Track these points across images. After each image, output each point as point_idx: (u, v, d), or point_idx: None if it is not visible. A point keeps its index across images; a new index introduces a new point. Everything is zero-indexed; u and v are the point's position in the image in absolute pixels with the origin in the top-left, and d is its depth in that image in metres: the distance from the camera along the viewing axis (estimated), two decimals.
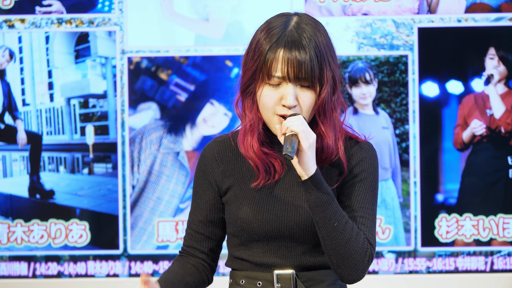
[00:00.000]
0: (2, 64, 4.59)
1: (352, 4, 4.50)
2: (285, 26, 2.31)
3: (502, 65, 4.52)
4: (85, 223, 4.56)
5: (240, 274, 2.36)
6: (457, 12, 4.51)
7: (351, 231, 2.24)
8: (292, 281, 2.31)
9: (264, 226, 2.30)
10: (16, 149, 4.60)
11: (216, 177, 2.37)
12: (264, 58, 2.27)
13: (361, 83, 4.51)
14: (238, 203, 2.33)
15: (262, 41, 2.29)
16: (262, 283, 2.32)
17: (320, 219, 2.21)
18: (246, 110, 2.33)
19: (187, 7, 4.55)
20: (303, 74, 2.24)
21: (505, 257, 4.52)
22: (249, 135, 2.31)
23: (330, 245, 2.22)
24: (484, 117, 4.52)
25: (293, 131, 2.19)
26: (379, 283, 4.50)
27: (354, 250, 2.23)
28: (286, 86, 2.26)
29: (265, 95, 2.28)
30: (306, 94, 2.27)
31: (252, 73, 2.29)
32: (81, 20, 4.54)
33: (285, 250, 2.32)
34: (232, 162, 2.37)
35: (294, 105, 2.25)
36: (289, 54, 2.25)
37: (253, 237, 2.32)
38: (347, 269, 2.24)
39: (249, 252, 2.34)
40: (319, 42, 2.29)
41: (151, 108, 4.56)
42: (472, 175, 4.52)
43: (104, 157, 4.58)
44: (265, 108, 2.28)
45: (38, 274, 4.55)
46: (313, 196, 2.21)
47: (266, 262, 2.32)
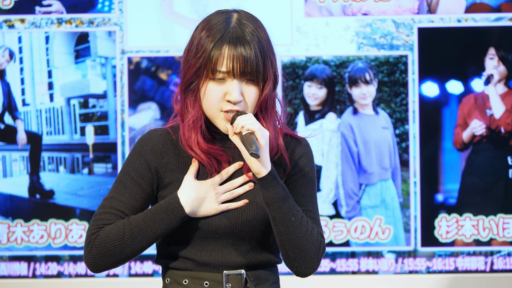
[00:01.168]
0: (2, 64, 4.59)
1: (352, 4, 4.50)
2: (228, 23, 2.31)
3: (502, 65, 4.52)
4: (85, 223, 4.56)
5: (182, 274, 2.32)
6: (457, 12, 4.51)
7: (307, 224, 2.26)
8: (242, 281, 2.30)
9: (209, 224, 2.29)
10: (16, 149, 4.60)
11: (159, 169, 2.33)
12: (208, 55, 2.26)
13: (361, 83, 4.51)
14: None
15: (205, 38, 2.28)
16: (210, 283, 2.30)
17: (278, 215, 2.23)
18: (189, 107, 2.31)
19: (187, 7, 4.55)
20: (249, 69, 2.25)
21: (505, 257, 4.52)
22: (192, 131, 2.30)
23: (287, 239, 2.24)
24: (484, 117, 4.52)
25: (249, 129, 2.20)
26: (379, 283, 4.50)
27: (310, 243, 2.26)
28: (231, 82, 2.26)
29: (210, 90, 2.27)
30: (251, 89, 2.28)
31: (196, 70, 2.28)
32: (81, 20, 4.54)
33: (230, 248, 2.31)
34: (175, 157, 2.34)
35: (240, 101, 2.26)
36: (234, 50, 2.25)
37: (196, 235, 2.30)
38: (304, 262, 2.26)
39: (193, 251, 2.31)
40: (261, 38, 2.31)
41: (151, 108, 4.56)
42: (472, 175, 4.52)
43: (104, 157, 4.58)
44: (210, 104, 2.27)
45: (38, 274, 4.55)
46: (271, 192, 2.22)
47: (213, 261, 2.30)
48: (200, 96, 2.30)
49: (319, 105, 4.52)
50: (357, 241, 4.52)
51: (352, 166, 4.51)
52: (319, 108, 4.52)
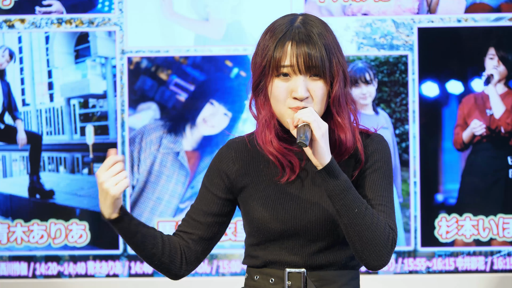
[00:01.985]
0: (2, 64, 4.59)
1: (352, 4, 4.50)
2: (291, 23, 2.32)
3: (502, 65, 4.52)
4: (85, 223, 4.56)
5: (255, 271, 2.38)
6: (457, 12, 4.51)
7: (372, 216, 2.25)
8: (302, 280, 2.33)
9: (279, 225, 2.32)
10: (16, 149, 4.60)
11: (230, 175, 2.38)
12: (272, 53, 2.28)
13: (361, 83, 4.51)
14: (253, 204, 2.35)
15: (269, 39, 2.31)
16: (275, 280, 2.35)
17: (341, 207, 2.23)
18: (260, 108, 2.34)
19: (187, 7, 4.55)
20: (313, 63, 2.26)
21: (505, 257, 4.52)
22: (266, 130, 2.33)
23: (353, 231, 2.24)
24: (484, 117, 4.52)
25: (304, 121, 2.20)
26: (379, 283, 4.50)
27: (377, 235, 2.25)
28: (296, 78, 2.27)
29: (275, 87, 2.28)
30: (317, 84, 2.28)
31: (262, 69, 2.30)
32: (81, 20, 4.54)
33: (299, 249, 2.33)
34: (248, 162, 2.38)
35: (306, 97, 2.27)
36: (297, 45, 2.27)
37: (269, 237, 2.34)
38: (372, 255, 2.25)
39: (265, 252, 2.36)
40: (327, 37, 2.30)
41: (151, 108, 4.56)
42: (472, 175, 4.52)
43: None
44: (277, 101, 2.29)
45: (38, 274, 4.55)
46: (331, 184, 2.22)
47: (280, 260, 2.34)
48: (268, 95, 2.31)
49: None
50: None
51: None
52: None
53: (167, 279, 2.49)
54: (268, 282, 2.35)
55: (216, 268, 4.54)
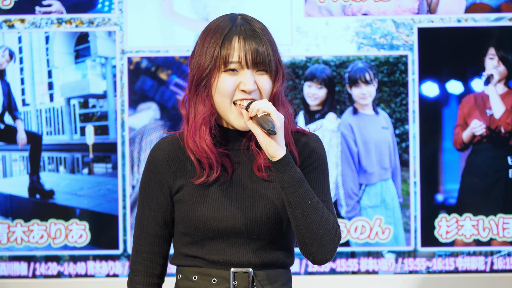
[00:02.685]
0: (2, 64, 4.59)
1: (352, 4, 4.50)
2: (233, 20, 2.35)
3: (502, 65, 4.52)
4: (85, 223, 4.56)
5: (192, 270, 2.35)
6: (457, 12, 4.51)
7: (323, 210, 2.27)
8: (249, 279, 2.32)
9: (221, 223, 2.31)
10: (16, 149, 4.60)
11: (168, 178, 2.37)
12: (220, 48, 2.29)
13: (361, 83, 4.51)
14: (193, 202, 2.33)
15: (212, 36, 2.32)
16: (218, 280, 2.32)
17: (294, 198, 2.24)
18: (199, 105, 2.33)
19: (187, 7, 4.55)
20: (261, 59, 2.28)
21: (505, 257, 4.52)
22: (201, 128, 2.33)
23: (303, 224, 2.25)
24: (484, 117, 4.52)
25: (265, 111, 2.21)
26: (379, 283, 4.50)
27: (327, 229, 2.26)
28: (244, 72, 2.29)
29: (222, 81, 2.29)
30: (264, 79, 2.30)
31: (207, 66, 2.30)
32: (81, 20, 4.54)
33: (240, 247, 2.32)
34: (183, 162, 2.37)
35: (254, 90, 2.29)
36: (245, 41, 2.29)
37: (208, 235, 2.32)
38: (320, 248, 2.27)
39: (203, 250, 2.33)
40: (269, 34, 2.34)
41: (151, 108, 4.56)
42: (472, 175, 4.52)
43: (104, 157, 4.58)
44: (224, 95, 2.29)
45: (38, 274, 4.55)
46: (287, 175, 2.23)
47: (222, 260, 2.32)
48: (212, 92, 2.31)
49: (319, 105, 4.52)
50: (357, 241, 4.52)
51: (352, 166, 4.51)
52: (319, 108, 4.52)
53: (167, 279, 2.49)
54: (209, 283, 2.32)
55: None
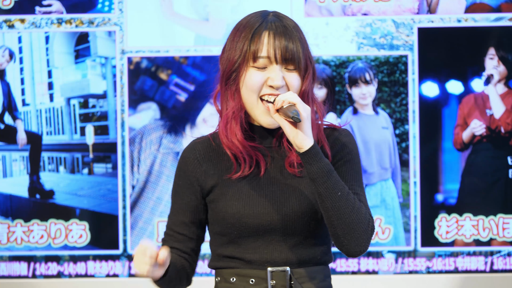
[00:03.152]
0: (2, 64, 4.59)
1: (352, 4, 4.50)
2: (264, 16, 2.35)
3: (502, 65, 4.52)
4: (85, 223, 4.56)
5: (230, 272, 2.34)
6: (457, 12, 4.51)
7: (354, 201, 2.25)
8: (287, 278, 2.30)
9: (256, 220, 2.29)
10: (16, 149, 4.60)
11: (199, 177, 2.36)
12: (249, 43, 2.28)
13: (361, 83, 4.51)
14: (226, 200, 2.32)
15: (242, 31, 2.31)
16: (256, 280, 2.31)
17: (324, 189, 2.21)
18: (229, 100, 2.32)
19: (187, 7, 4.55)
20: (290, 55, 2.27)
21: (505, 257, 4.52)
22: (232, 122, 2.31)
23: (335, 215, 2.22)
24: (484, 117, 4.52)
25: (290, 102, 2.20)
26: (379, 283, 4.50)
27: (359, 220, 2.24)
28: (272, 68, 2.28)
29: (250, 76, 2.28)
30: (293, 75, 2.29)
31: (236, 60, 2.29)
32: (81, 20, 4.54)
33: (276, 244, 2.31)
34: (214, 161, 2.36)
35: (282, 86, 2.27)
36: (274, 36, 2.28)
37: (244, 233, 2.31)
38: (353, 240, 2.24)
39: (239, 249, 2.32)
40: (300, 32, 2.33)
41: (151, 108, 4.56)
42: (472, 175, 4.52)
43: (104, 157, 4.58)
44: (251, 90, 2.28)
45: (38, 274, 4.55)
46: (315, 166, 2.21)
47: (259, 259, 2.31)
48: (240, 86, 2.30)
49: None
50: None
51: None
52: None
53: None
54: (247, 284, 2.31)
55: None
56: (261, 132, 2.35)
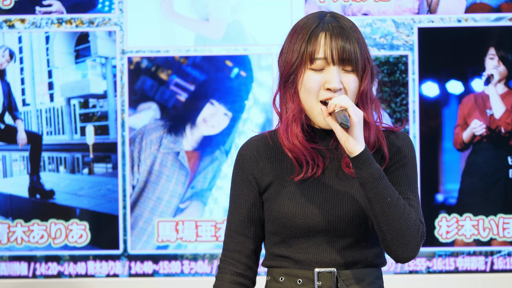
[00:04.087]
0: (2, 64, 4.59)
1: (352, 4, 4.50)
2: (321, 17, 2.32)
3: (502, 65, 4.52)
4: (85, 223, 4.56)
5: (280, 272, 2.34)
6: (457, 12, 4.51)
7: (404, 206, 2.23)
8: (333, 279, 2.30)
9: (307, 220, 2.29)
10: (16, 149, 4.60)
11: (256, 175, 2.36)
12: (306, 44, 2.27)
13: None
14: (280, 199, 2.32)
15: (300, 32, 2.30)
16: (303, 281, 2.31)
17: (374, 195, 2.20)
18: (289, 102, 2.31)
19: (187, 7, 4.55)
20: (347, 56, 2.25)
21: (505, 257, 4.52)
22: (293, 125, 2.30)
23: (384, 221, 2.21)
24: (484, 117, 4.52)
25: (342, 106, 2.18)
26: None
27: (408, 226, 2.22)
28: (330, 70, 2.26)
29: (308, 79, 2.27)
30: (350, 77, 2.28)
31: (294, 62, 2.29)
32: (81, 20, 4.54)
33: (326, 246, 2.31)
34: (271, 159, 2.36)
35: (339, 89, 2.26)
36: (331, 37, 2.26)
37: (295, 233, 2.31)
38: (402, 246, 2.23)
39: (290, 249, 2.33)
40: (358, 32, 2.31)
41: (151, 108, 4.56)
42: (472, 175, 4.52)
43: (104, 157, 4.58)
44: (309, 93, 2.27)
45: (38, 274, 4.55)
46: (365, 171, 2.20)
47: (307, 259, 2.31)
48: (299, 88, 2.29)
49: None
50: None
51: None
52: None
53: (168, 279, 2.49)
54: (295, 284, 2.31)
55: (216, 268, 4.54)
56: (320, 133, 2.34)
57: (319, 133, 2.34)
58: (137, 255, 4.55)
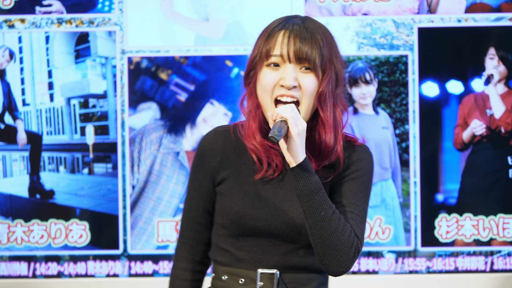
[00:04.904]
0: (2, 64, 4.59)
1: (352, 4, 4.50)
2: (288, 19, 2.33)
3: (502, 65, 4.52)
4: (85, 223, 4.56)
5: (223, 270, 2.36)
6: (457, 12, 4.51)
7: (338, 221, 2.22)
8: (275, 281, 2.30)
9: (254, 222, 2.30)
10: (16, 149, 4.60)
11: (213, 167, 2.36)
12: (264, 41, 2.29)
13: (361, 83, 4.51)
14: (232, 196, 2.32)
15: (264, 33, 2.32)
16: (245, 280, 2.32)
17: (308, 208, 2.20)
18: (248, 98, 2.33)
19: (187, 7, 4.55)
20: (303, 54, 2.25)
21: (505, 257, 4.52)
22: (251, 121, 2.31)
23: (316, 234, 2.21)
24: (484, 117, 4.52)
25: (282, 117, 2.18)
26: (379, 283, 4.50)
27: (341, 241, 2.22)
28: (285, 67, 2.26)
29: (264, 75, 2.27)
30: (307, 77, 2.27)
31: (253, 59, 2.30)
32: (81, 20, 4.54)
33: (271, 248, 2.31)
34: (230, 154, 2.36)
35: (294, 86, 2.25)
36: (290, 35, 2.26)
37: (243, 232, 2.31)
38: (333, 260, 2.23)
39: (237, 245, 2.33)
40: (324, 36, 2.29)
41: (151, 108, 4.56)
42: (472, 175, 4.52)
43: (104, 157, 4.58)
44: (264, 90, 2.27)
45: (38, 274, 4.55)
46: (301, 183, 2.20)
47: (251, 259, 2.31)
48: (256, 85, 2.30)
49: None
50: None
51: None
52: None
53: (167, 279, 2.49)
54: (237, 283, 2.32)
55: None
56: None
57: None
58: (137, 255, 4.55)
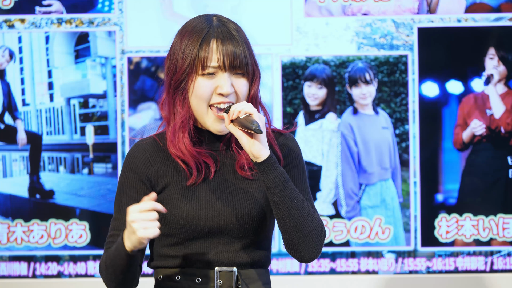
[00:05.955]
0: (2, 64, 4.59)
1: (352, 4, 4.50)
2: (209, 22, 2.34)
3: (502, 65, 4.52)
4: (85, 223, 4.56)
5: (175, 271, 2.33)
6: (457, 12, 4.51)
7: (308, 208, 2.29)
8: (234, 278, 2.32)
9: (206, 223, 2.30)
10: (16, 149, 4.60)
11: (151, 177, 2.35)
12: (197, 52, 2.29)
13: (361, 83, 4.51)
14: (177, 202, 2.32)
15: (189, 38, 2.31)
16: (202, 279, 2.32)
17: (281, 198, 2.25)
18: (178, 107, 2.34)
19: (187, 7, 4.55)
20: (238, 62, 2.29)
21: (505, 257, 4.52)
22: (180, 132, 2.33)
23: (290, 223, 2.26)
24: (484, 117, 4.52)
25: (247, 112, 2.22)
26: (379, 283, 4.50)
27: (313, 226, 2.28)
28: (221, 75, 2.30)
29: (199, 85, 2.30)
30: (241, 82, 2.32)
31: (185, 69, 2.30)
32: (81, 20, 4.54)
33: (225, 246, 2.32)
34: (164, 163, 2.36)
35: (231, 92, 2.30)
36: (223, 44, 2.29)
37: (193, 235, 2.31)
38: (308, 246, 2.28)
39: (186, 250, 2.32)
40: (244, 36, 2.35)
41: (151, 108, 4.56)
42: (472, 175, 4.52)
43: (104, 157, 4.58)
44: (201, 99, 2.30)
45: (38, 274, 4.55)
46: (272, 175, 2.24)
47: (206, 260, 2.32)
48: (189, 95, 2.32)
49: (319, 105, 4.52)
50: (357, 241, 4.52)
51: (352, 166, 4.51)
52: (319, 108, 4.52)
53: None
54: (193, 282, 2.32)
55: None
56: (209, 136, 2.37)
57: (208, 137, 2.36)
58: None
